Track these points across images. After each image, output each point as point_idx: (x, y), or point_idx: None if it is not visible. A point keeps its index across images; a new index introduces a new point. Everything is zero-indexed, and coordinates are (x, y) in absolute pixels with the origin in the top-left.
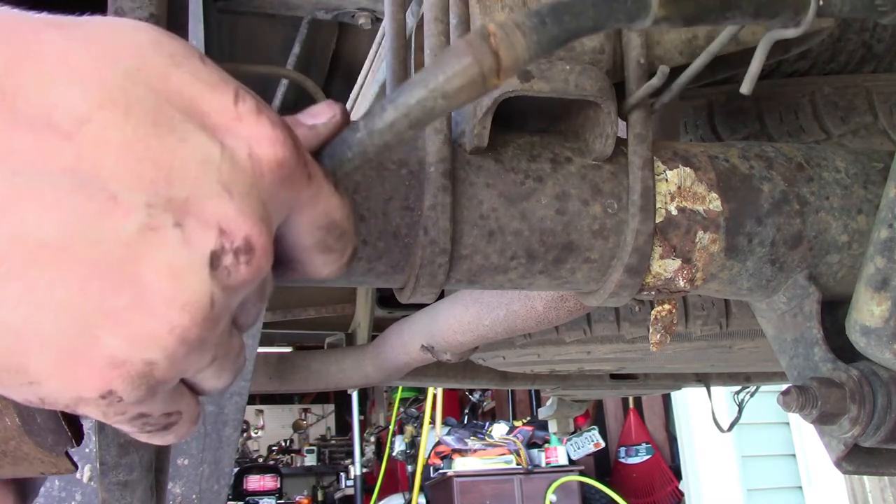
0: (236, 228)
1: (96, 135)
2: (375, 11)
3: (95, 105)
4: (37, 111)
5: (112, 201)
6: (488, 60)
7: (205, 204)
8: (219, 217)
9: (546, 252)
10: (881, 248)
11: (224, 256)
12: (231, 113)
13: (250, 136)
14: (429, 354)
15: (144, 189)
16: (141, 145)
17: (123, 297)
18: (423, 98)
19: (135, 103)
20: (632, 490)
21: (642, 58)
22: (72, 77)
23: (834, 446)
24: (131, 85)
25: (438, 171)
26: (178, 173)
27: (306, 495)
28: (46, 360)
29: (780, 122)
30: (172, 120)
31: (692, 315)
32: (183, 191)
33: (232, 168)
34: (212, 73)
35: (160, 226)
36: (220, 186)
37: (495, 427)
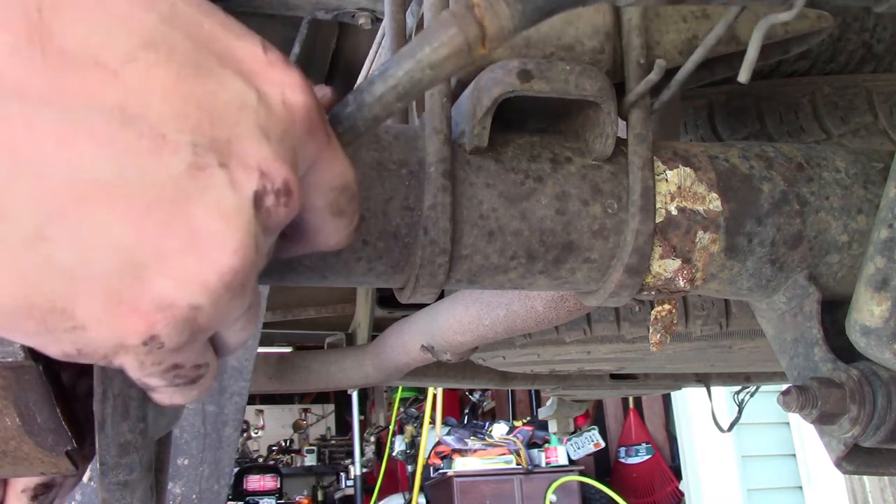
0: (276, 171)
1: (142, 73)
2: (375, 11)
3: (139, 45)
4: (83, 50)
5: (161, 139)
6: (473, 30)
7: (245, 146)
8: (259, 159)
9: (546, 252)
10: (881, 248)
11: (266, 198)
12: (262, 60)
13: (282, 82)
14: (429, 354)
15: (190, 129)
16: (184, 86)
17: (175, 239)
18: (410, 69)
19: (175, 46)
20: (632, 490)
21: (642, 58)
22: (112, 19)
23: (834, 446)
24: (169, 28)
25: (438, 171)
26: (219, 115)
27: (306, 495)
28: (94, 303)
29: (780, 122)
30: (211, 64)
31: (692, 315)
32: (224, 132)
33: (268, 112)
34: (238, 25)
35: (207, 165)
36: (259, 130)
37: (495, 427)
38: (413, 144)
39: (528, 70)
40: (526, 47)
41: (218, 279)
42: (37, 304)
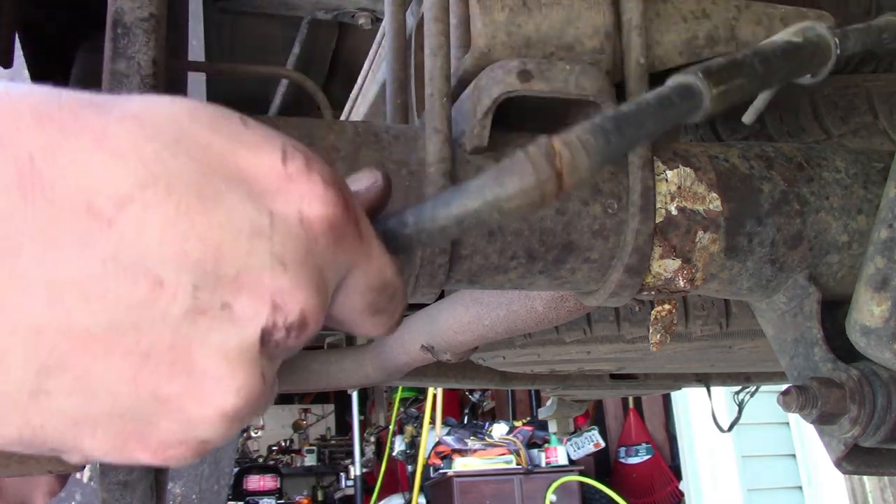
0: (291, 301)
1: (138, 216)
2: (375, 11)
3: (136, 184)
4: (76, 199)
5: (157, 285)
6: (551, 185)
7: (257, 278)
8: (272, 291)
9: (546, 252)
10: (881, 248)
11: (276, 332)
12: (279, 173)
13: (301, 197)
14: (429, 354)
15: (191, 269)
16: (186, 222)
17: (176, 385)
18: (478, 210)
19: (177, 177)
20: (632, 490)
21: (642, 58)
22: (110, 157)
23: (834, 446)
24: (172, 158)
25: (438, 171)
26: (227, 249)
27: (306, 495)
28: (101, 443)
29: (780, 122)
30: (218, 191)
31: (692, 315)
32: (233, 267)
33: (284, 236)
34: (255, 134)
35: (208, 307)
36: (273, 258)
37: (495, 427)
38: (413, 144)
39: (528, 70)
40: (526, 47)
41: (223, 418)
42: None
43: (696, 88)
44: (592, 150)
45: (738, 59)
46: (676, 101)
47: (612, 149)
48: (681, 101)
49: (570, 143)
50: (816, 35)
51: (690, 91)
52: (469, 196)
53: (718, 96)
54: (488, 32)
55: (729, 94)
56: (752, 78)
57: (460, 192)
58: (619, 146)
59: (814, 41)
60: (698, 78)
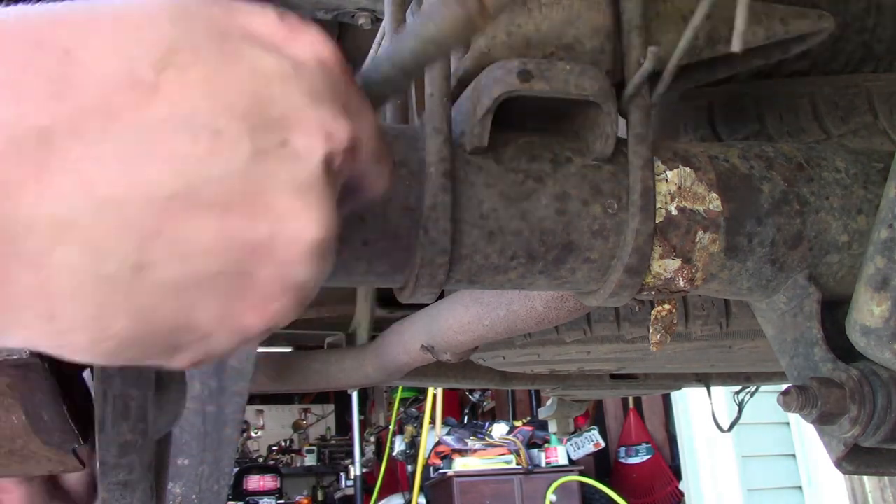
0: (339, 128)
1: (178, 77)
2: (375, 11)
3: (166, 50)
4: (119, 73)
5: (217, 136)
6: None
7: (301, 114)
8: (319, 122)
9: (546, 252)
10: (881, 248)
11: (336, 158)
12: (282, 28)
13: (310, 42)
14: (429, 354)
15: (242, 116)
16: (221, 78)
17: (261, 228)
18: (415, 49)
19: (198, 40)
20: (632, 490)
21: (642, 58)
22: (132, 33)
23: (834, 446)
24: (188, 26)
25: (438, 171)
26: (265, 94)
27: (306, 495)
28: (211, 311)
29: (780, 122)
30: (236, 48)
31: (692, 315)
32: (276, 109)
33: (310, 76)
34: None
35: (269, 146)
36: (309, 96)
37: (495, 427)
38: (413, 144)
39: (528, 70)
40: (526, 47)
41: (313, 253)
42: (160, 328)
43: None
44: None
45: None
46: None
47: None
48: None
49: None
50: None
51: None
52: (403, 39)
53: None
54: (488, 32)
55: None
56: None
57: (396, 38)
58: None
59: None
60: None
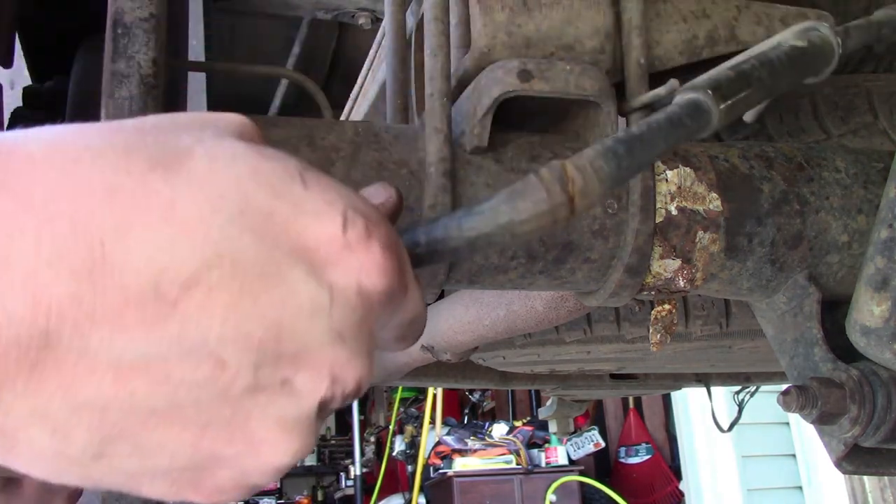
0: (350, 372)
1: (203, 299)
2: (375, 11)
3: (202, 264)
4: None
5: (220, 367)
6: (563, 210)
7: (317, 353)
8: (331, 364)
9: (546, 252)
10: (881, 248)
11: (333, 402)
12: (339, 242)
13: (360, 268)
14: (429, 354)
15: (253, 349)
16: (249, 303)
17: (234, 448)
18: (490, 232)
19: (241, 255)
20: (632, 490)
21: (642, 58)
22: (178, 233)
23: (834, 446)
24: (238, 233)
25: (438, 171)
26: (288, 327)
27: (306, 495)
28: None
29: (780, 122)
30: (280, 267)
31: (692, 315)
32: (293, 344)
33: (343, 309)
34: (315, 199)
35: (268, 384)
36: (333, 334)
37: (495, 427)
38: (413, 144)
39: (528, 70)
40: (526, 47)
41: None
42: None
43: (704, 106)
44: (604, 175)
45: (746, 71)
46: (686, 120)
47: (622, 173)
48: (690, 120)
49: (583, 168)
50: (820, 37)
51: (699, 109)
52: (482, 218)
53: (726, 110)
54: (488, 32)
55: (736, 108)
56: (759, 88)
57: (473, 213)
58: (630, 169)
59: (817, 44)
60: (707, 95)
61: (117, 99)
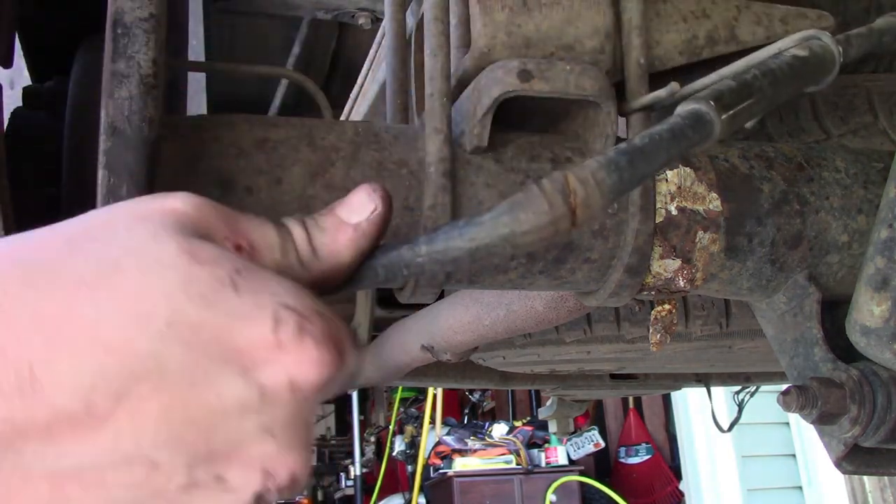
0: (281, 465)
1: (134, 409)
2: (375, 11)
3: (131, 379)
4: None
5: (153, 469)
6: (565, 222)
7: (247, 449)
8: (262, 459)
9: (546, 252)
10: (881, 248)
11: (267, 494)
12: (269, 343)
13: (292, 364)
14: (429, 354)
15: (184, 450)
16: (178, 409)
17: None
18: (492, 243)
19: (169, 365)
20: (632, 490)
21: (642, 58)
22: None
23: (834, 446)
24: (165, 347)
25: (438, 171)
26: (218, 428)
27: (306, 495)
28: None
29: (780, 122)
30: (208, 374)
31: (692, 315)
32: (224, 443)
33: (273, 407)
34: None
35: (202, 482)
36: (261, 430)
37: (495, 427)
38: (413, 144)
39: (528, 70)
40: (526, 47)
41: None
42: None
43: (707, 117)
44: (606, 187)
45: (747, 81)
46: (688, 132)
47: (624, 184)
48: (693, 131)
49: (584, 180)
50: (821, 45)
51: (702, 120)
52: (483, 229)
53: (728, 121)
54: (488, 32)
55: (738, 118)
56: (761, 98)
57: (474, 224)
58: (632, 181)
59: (819, 53)
60: (709, 106)
61: (117, 99)
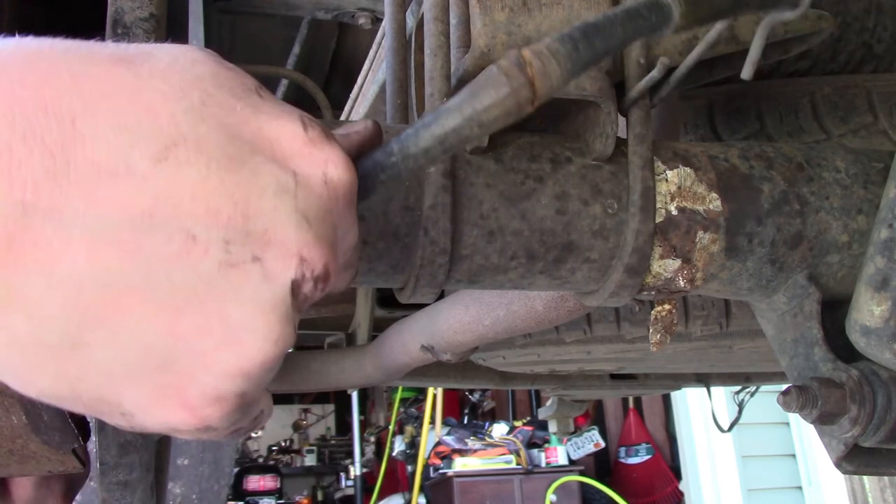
0: (317, 255)
1: (172, 173)
2: (375, 11)
3: (169, 142)
4: (115, 156)
5: (190, 240)
6: (525, 91)
7: (284, 233)
8: (299, 245)
9: (546, 252)
10: (881, 248)
11: (304, 285)
12: (301, 139)
13: (325, 160)
14: (429, 354)
15: (222, 225)
16: (216, 181)
17: (212, 337)
18: (458, 126)
19: (206, 138)
20: (632, 490)
21: (642, 57)
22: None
23: (834, 446)
24: (200, 120)
25: (438, 171)
26: (254, 206)
27: (306, 495)
28: (139, 397)
29: (780, 122)
30: (243, 152)
31: (692, 315)
32: (261, 223)
33: (308, 194)
34: (273, 105)
35: (240, 261)
36: (299, 214)
37: (495, 427)
38: None
39: None
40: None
41: (259, 368)
42: (83, 396)
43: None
44: (562, 57)
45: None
46: (645, 13)
47: (581, 57)
48: (649, 13)
49: (539, 52)
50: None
51: (659, 4)
52: (448, 114)
53: (688, 10)
54: (488, 32)
55: (699, 8)
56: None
57: (439, 111)
58: (588, 55)
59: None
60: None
61: None
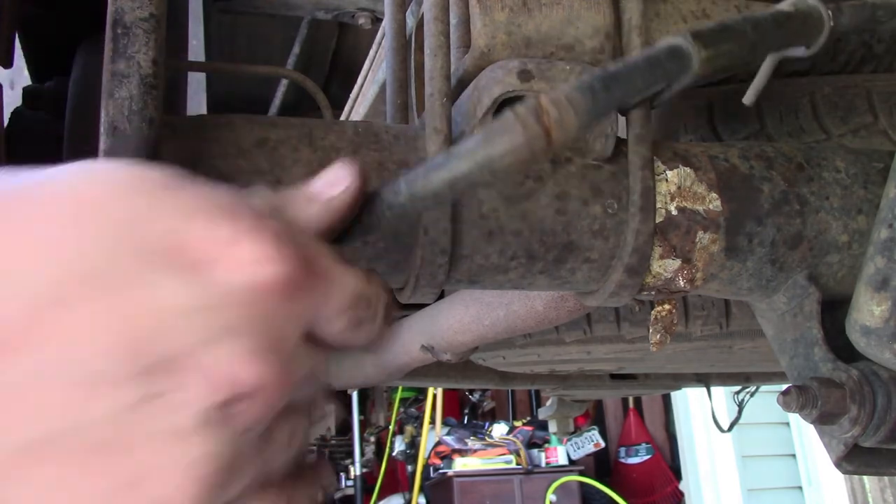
0: (240, 371)
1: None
2: (375, 11)
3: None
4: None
5: (95, 382)
6: (540, 142)
7: (200, 354)
8: (218, 364)
9: (546, 252)
10: (881, 248)
11: (230, 405)
12: (223, 240)
13: (247, 260)
14: (429, 354)
15: (127, 359)
16: (116, 313)
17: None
18: (469, 171)
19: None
20: (632, 490)
21: None
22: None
23: (834, 446)
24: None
25: None
26: (162, 331)
27: None
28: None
29: (780, 122)
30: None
31: (692, 315)
32: (171, 348)
33: (227, 305)
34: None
35: (150, 393)
36: (217, 331)
37: (495, 427)
38: (413, 144)
39: (528, 70)
40: (526, 47)
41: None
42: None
43: (685, 50)
44: (580, 107)
45: (729, 24)
46: (665, 61)
47: (599, 106)
48: (669, 61)
49: (557, 101)
50: (808, 6)
51: (679, 52)
52: (460, 158)
53: (707, 59)
54: (488, 32)
55: (718, 58)
56: (743, 43)
57: (451, 155)
58: (607, 104)
59: (804, 11)
60: (687, 40)
61: (117, 99)
